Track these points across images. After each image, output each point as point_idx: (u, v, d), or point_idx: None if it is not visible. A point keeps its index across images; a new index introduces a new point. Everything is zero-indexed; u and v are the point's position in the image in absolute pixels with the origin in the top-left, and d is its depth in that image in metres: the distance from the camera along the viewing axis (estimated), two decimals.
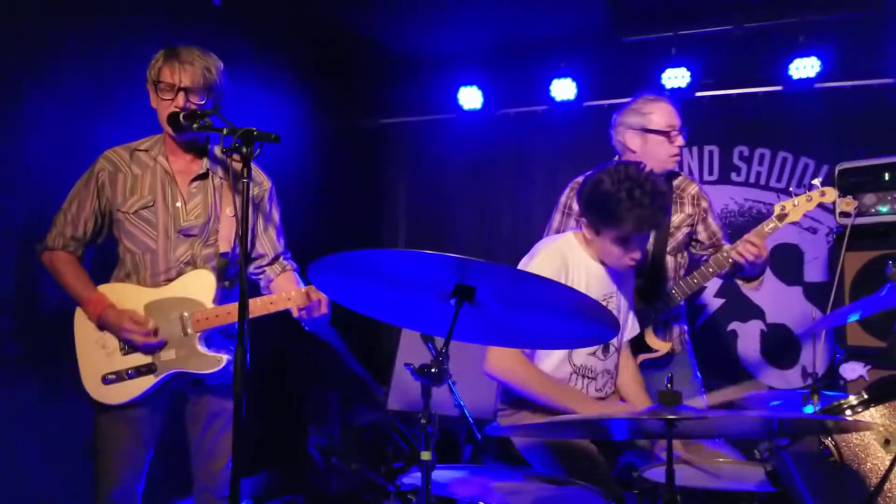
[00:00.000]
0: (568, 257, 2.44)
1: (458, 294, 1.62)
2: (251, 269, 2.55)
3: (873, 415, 1.70)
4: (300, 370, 4.17)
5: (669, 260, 2.97)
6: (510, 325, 1.76)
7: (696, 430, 1.75)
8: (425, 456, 1.53)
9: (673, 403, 1.54)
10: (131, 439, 2.34)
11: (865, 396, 1.72)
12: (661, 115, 2.85)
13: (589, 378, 2.50)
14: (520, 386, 2.41)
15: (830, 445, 1.69)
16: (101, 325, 2.32)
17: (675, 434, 1.61)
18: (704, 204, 3.02)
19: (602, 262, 2.49)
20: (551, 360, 2.47)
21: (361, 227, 5.02)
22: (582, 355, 2.47)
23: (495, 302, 1.66)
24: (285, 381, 4.13)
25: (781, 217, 2.72)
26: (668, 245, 2.95)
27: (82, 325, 2.36)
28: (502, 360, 2.38)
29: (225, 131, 2.06)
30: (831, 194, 2.72)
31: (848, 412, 1.71)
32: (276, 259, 2.58)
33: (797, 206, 2.72)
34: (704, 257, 2.97)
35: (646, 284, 2.90)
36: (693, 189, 3.03)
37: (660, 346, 2.89)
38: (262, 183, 2.53)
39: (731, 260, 2.74)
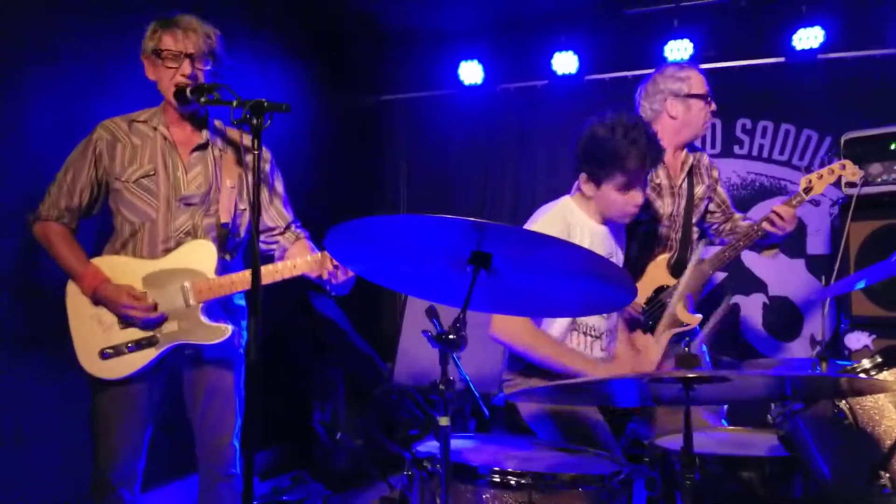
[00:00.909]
0: (569, 220, 2.43)
1: (474, 261, 1.61)
2: (263, 239, 2.52)
3: (887, 377, 1.71)
4: (303, 347, 4.16)
5: (694, 231, 3.00)
6: (527, 293, 1.75)
7: (713, 395, 1.75)
8: (444, 422, 1.52)
9: (692, 366, 1.54)
10: (130, 416, 2.31)
11: (879, 360, 1.73)
12: (697, 80, 2.88)
13: (594, 337, 2.49)
14: (526, 349, 2.38)
15: (845, 408, 1.70)
16: (97, 301, 2.27)
17: (691, 399, 1.61)
18: (716, 174, 3.07)
19: (602, 223, 2.49)
20: (558, 323, 2.46)
21: (362, 204, 5.00)
22: (560, 327, 2.47)
23: (512, 269, 1.65)
24: (288, 357, 4.13)
25: (807, 190, 2.80)
26: (693, 216, 2.96)
27: (76, 300, 2.31)
28: (508, 324, 2.36)
29: (234, 103, 2.02)
30: (852, 169, 2.80)
31: (862, 375, 1.72)
32: (287, 228, 2.55)
33: (821, 180, 2.80)
34: (716, 229, 3.05)
35: (677, 258, 2.91)
36: (706, 160, 3.06)
37: (690, 319, 2.87)
38: (262, 154, 2.50)
39: (761, 232, 2.81)
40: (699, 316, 2.92)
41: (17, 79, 2.84)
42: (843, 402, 1.71)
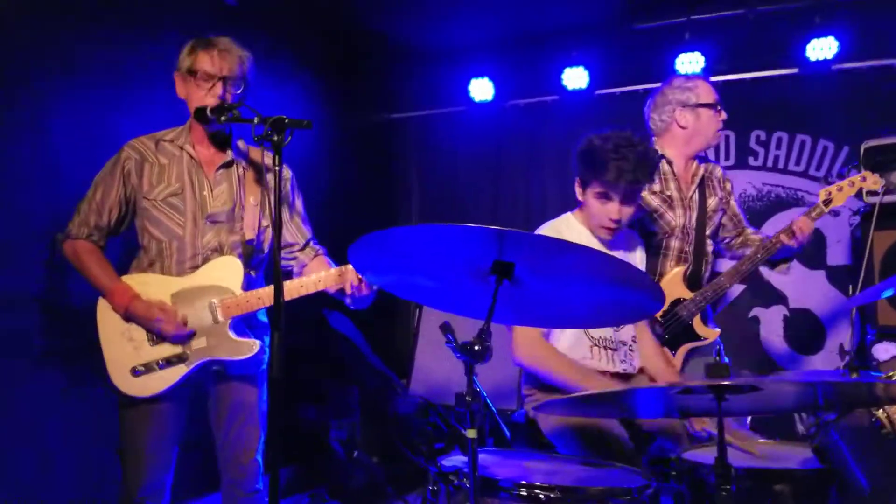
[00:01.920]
0: (564, 233, 2.47)
1: (497, 271, 1.59)
2: (282, 255, 2.51)
3: None
4: (319, 365, 4.14)
5: (709, 244, 2.97)
6: (551, 303, 1.72)
7: (743, 406, 1.71)
8: (471, 434, 1.49)
9: (723, 376, 1.50)
10: (158, 434, 2.32)
11: None
12: (705, 89, 2.90)
13: (610, 349, 2.47)
14: (550, 373, 2.39)
15: (882, 417, 1.65)
16: (128, 317, 2.29)
17: (722, 410, 1.57)
18: (729, 186, 3.05)
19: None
20: (569, 335, 2.45)
21: (374, 222, 4.97)
22: (573, 339, 2.46)
23: (535, 278, 1.62)
24: (304, 375, 4.10)
25: (827, 202, 2.80)
26: (707, 228, 2.93)
27: (106, 317, 2.32)
28: (532, 349, 2.38)
29: (255, 120, 2.05)
30: (873, 180, 2.80)
31: None
32: (306, 245, 2.56)
33: (841, 192, 2.80)
34: (728, 243, 3.02)
35: (692, 271, 2.89)
36: (719, 172, 3.05)
37: (708, 333, 2.85)
38: (283, 173, 2.51)
39: (780, 244, 2.79)
40: (717, 329, 2.88)
41: (41, 97, 2.89)
42: (880, 410, 1.66)
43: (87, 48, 3.04)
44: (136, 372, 2.27)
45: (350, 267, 2.29)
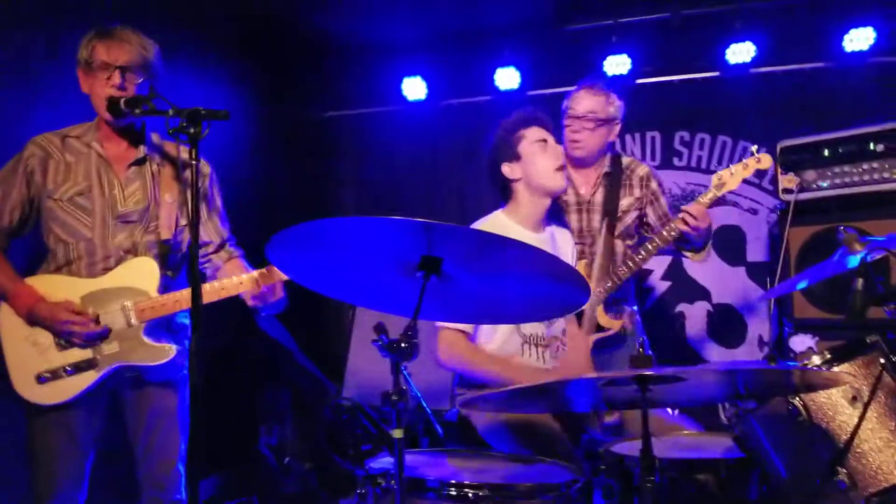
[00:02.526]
0: (496, 231, 2.45)
1: (425, 266, 1.56)
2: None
3: (839, 371, 1.72)
4: (247, 368, 4.03)
5: (618, 244, 2.98)
6: (479, 299, 1.71)
7: (667, 396, 1.74)
8: (397, 434, 1.46)
9: (646, 367, 1.52)
10: (68, 444, 2.21)
11: (829, 356, 1.75)
12: (577, 100, 2.96)
13: (542, 346, 2.49)
14: (475, 370, 2.42)
15: (798, 405, 1.71)
16: (33, 321, 2.17)
17: (647, 401, 1.59)
18: (654, 185, 3.05)
19: (538, 229, 2.55)
20: (500, 334, 2.46)
21: (306, 220, 4.89)
22: (529, 324, 2.47)
23: (463, 273, 1.60)
24: (232, 379, 3.98)
25: (719, 186, 2.77)
26: (616, 229, 2.95)
27: (9, 322, 2.20)
28: (454, 347, 2.39)
29: (170, 112, 1.96)
30: (766, 160, 2.78)
31: (814, 368, 1.73)
32: (221, 246, 2.48)
33: (734, 175, 2.77)
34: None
35: (598, 266, 2.90)
36: (642, 171, 3.06)
37: (611, 323, 2.90)
38: (202, 169, 2.42)
39: (673, 233, 2.77)
40: (620, 320, 2.94)
41: None
42: (797, 398, 1.71)
43: None
44: (41, 378, 2.15)
45: (274, 268, 2.23)
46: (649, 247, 2.82)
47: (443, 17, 4.49)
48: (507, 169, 2.54)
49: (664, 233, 2.80)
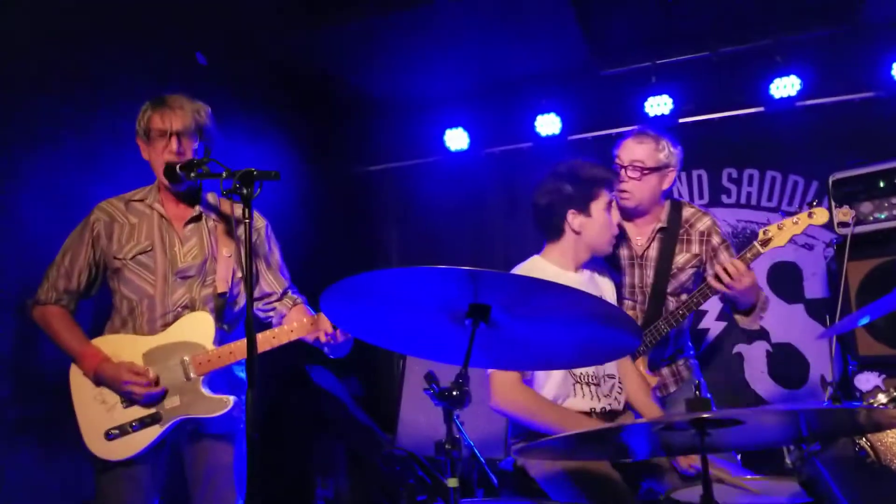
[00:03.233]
0: (536, 275, 2.44)
1: (473, 314, 1.57)
2: (260, 306, 2.52)
3: None
4: (301, 421, 4.06)
5: (670, 301, 2.85)
6: (528, 345, 1.70)
7: (727, 440, 1.68)
8: (452, 483, 1.45)
9: (704, 411, 1.49)
10: (136, 496, 2.26)
11: (895, 394, 1.68)
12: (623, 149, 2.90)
13: (594, 385, 2.44)
14: (529, 417, 2.35)
15: (866, 446, 1.64)
16: (98, 381, 2.26)
17: (705, 445, 1.55)
18: (716, 240, 2.85)
19: (576, 270, 2.53)
20: (554, 377, 2.41)
21: (353, 273, 4.96)
22: (554, 388, 2.42)
23: (511, 320, 1.61)
24: (286, 432, 4.01)
25: (764, 242, 2.56)
26: (668, 285, 2.84)
27: (79, 382, 2.29)
28: (509, 393, 2.34)
29: (224, 174, 2.05)
30: (822, 216, 2.55)
31: (880, 406, 1.66)
32: (284, 294, 2.55)
33: (783, 230, 2.57)
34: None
35: (643, 321, 2.81)
36: (703, 225, 2.87)
37: (648, 379, 2.80)
38: (255, 223, 2.51)
39: (708, 294, 2.62)
40: (657, 377, 2.84)
41: (9, 160, 2.86)
42: (864, 439, 1.64)
43: (55, 110, 3.04)
44: (109, 435, 2.22)
45: (322, 314, 2.27)
46: (690, 303, 2.69)
47: (481, 67, 4.60)
48: (572, 218, 2.50)
49: (696, 294, 2.66)
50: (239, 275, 2.42)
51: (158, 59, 3.58)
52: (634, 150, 2.86)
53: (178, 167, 2.26)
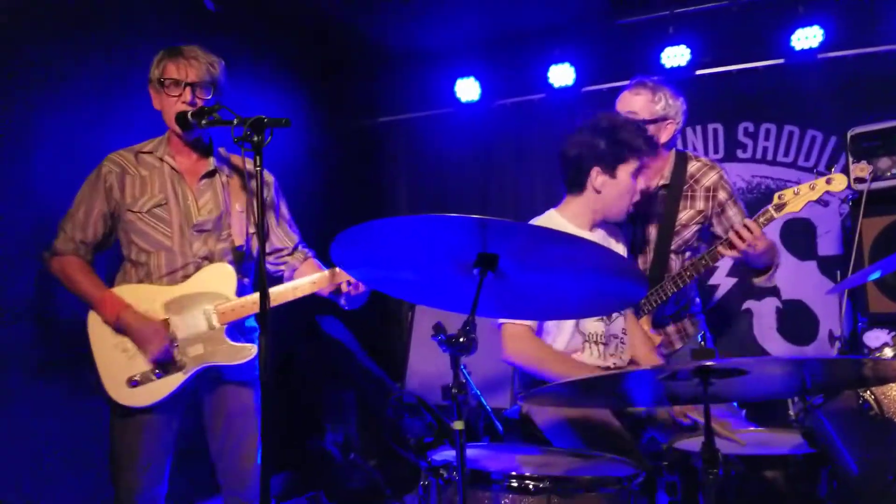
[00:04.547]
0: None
1: (481, 263, 1.58)
2: (271, 260, 2.54)
3: None
4: (312, 369, 4.14)
5: (673, 259, 2.82)
6: (535, 295, 1.72)
7: (731, 391, 1.70)
8: (458, 425, 1.49)
9: (707, 359, 1.50)
10: (152, 445, 2.31)
11: None
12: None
13: (602, 344, 2.46)
14: (539, 367, 2.37)
15: (870, 399, 1.65)
16: (119, 327, 2.27)
17: (709, 395, 1.57)
18: (722, 196, 2.79)
19: (591, 228, 2.49)
20: (564, 333, 2.43)
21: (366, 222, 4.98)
22: (589, 323, 2.44)
23: (519, 270, 1.62)
24: (297, 380, 4.10)
25: (779, 207, 2.51)
26: (672, 243, 2.80)
27: (98, 331, 2.31)
28: (520, 344, 2.35)
29: (235, 122, 2.05)
30: (840, 182, 2.49)
31: (886, 359, 1.67)
32: (295, 249, 2.57)
33: (798, 196, 2.50)
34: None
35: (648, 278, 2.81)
36: (709, 180, 2.81)
37: (652, 338, 2.81)
38: (265, 178, 2.51)
39: (717, 254, 2.59)
40: (660, 337, 2.84)
41: (23, 112, 2.87)
42: (868, 392, 1.66)
43: (67, 61, 3.03)
44: (132, 382, 2.26)
45: (337, 269, 2.30)
46: (698, 264, 2.65)
47: (494, 16, 4.51)
48: (596, 175, 2.43)
49: (706, 256, 2.63)
50: (251, 229, 2.43)
51: (168, 6, 3.54)
52: (630, 102, 2.80)
53: (189, 114, 2.26)
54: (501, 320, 2.36)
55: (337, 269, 2.33)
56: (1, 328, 2.74)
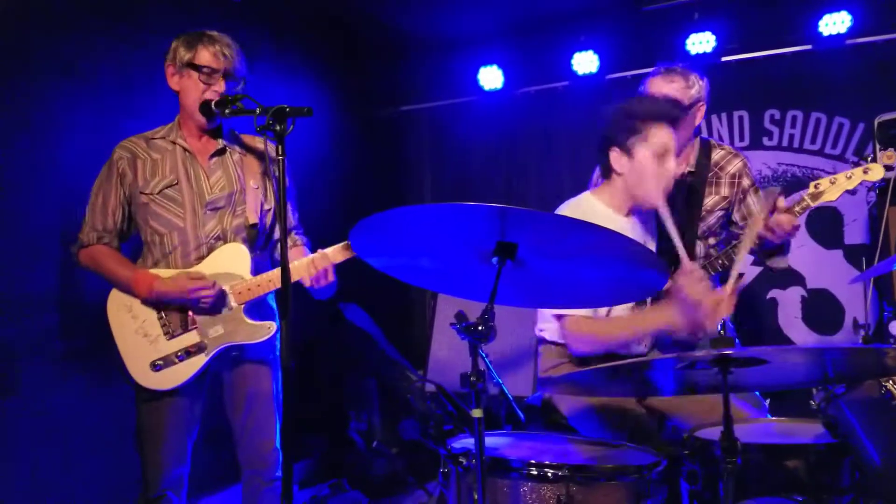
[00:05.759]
0: (588, 215, 2.38)
1: (500, 252, 1.59)
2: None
3: None
4: (335, 357, 4.18)
5: (699, 244, 2.82)
6: (555, 284, 1.73)
7: (751, 380, 1.70)
8: (477, 413, 1.50)
9: (727, 348, 1.50)
10: (176, 425, 2.35)
11: None
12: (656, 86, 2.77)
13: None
14: (607, 343, 2.29)
15: (892, 388, 1.63)
16: (158, 299, 2.29)
17: (729, 384, 1.57)
18: (746, 183, 2.79)
19: (627, 214, 2.43)
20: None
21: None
22: (620, 311, 2.39)
23: (538, 258, 1.63)
24: (320, 368, 4.15)
25: (815, 196, 2.48)
26: (698, 228, 2.80)
27: (118, 318, 2.35)
28: (582, 331, 2.28)
29: (258, 111, 2.06)
30: (877, 172, 2.44)
31: None
32: (288, 234, 2.56)
33: (835, 185, 2.47)
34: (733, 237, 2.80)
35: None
36: (734, 167, 2.82)
37: None
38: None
39: (757, 241, 2.53)
40: None
41: (47, 102, 2.92)
42: (890, 382, 1.64)
43: (92, 51, 3.07)
44: (156, 366, 2.30)
45: (315, 257, 2.33)
46: (730, 253, 2.64)
47: (517, 4, 4.48)
48: (616, 158, 2.37)
49: (739, 245, 2.53)
50: (266, 206, 2.45)
51: None
52: (664, 88, 2.74)
53: (213, 103, 2.28)
54: (558, 312, 2.30)
55: (319, 255, 2.35)
56: (25, 317, 2.80)
